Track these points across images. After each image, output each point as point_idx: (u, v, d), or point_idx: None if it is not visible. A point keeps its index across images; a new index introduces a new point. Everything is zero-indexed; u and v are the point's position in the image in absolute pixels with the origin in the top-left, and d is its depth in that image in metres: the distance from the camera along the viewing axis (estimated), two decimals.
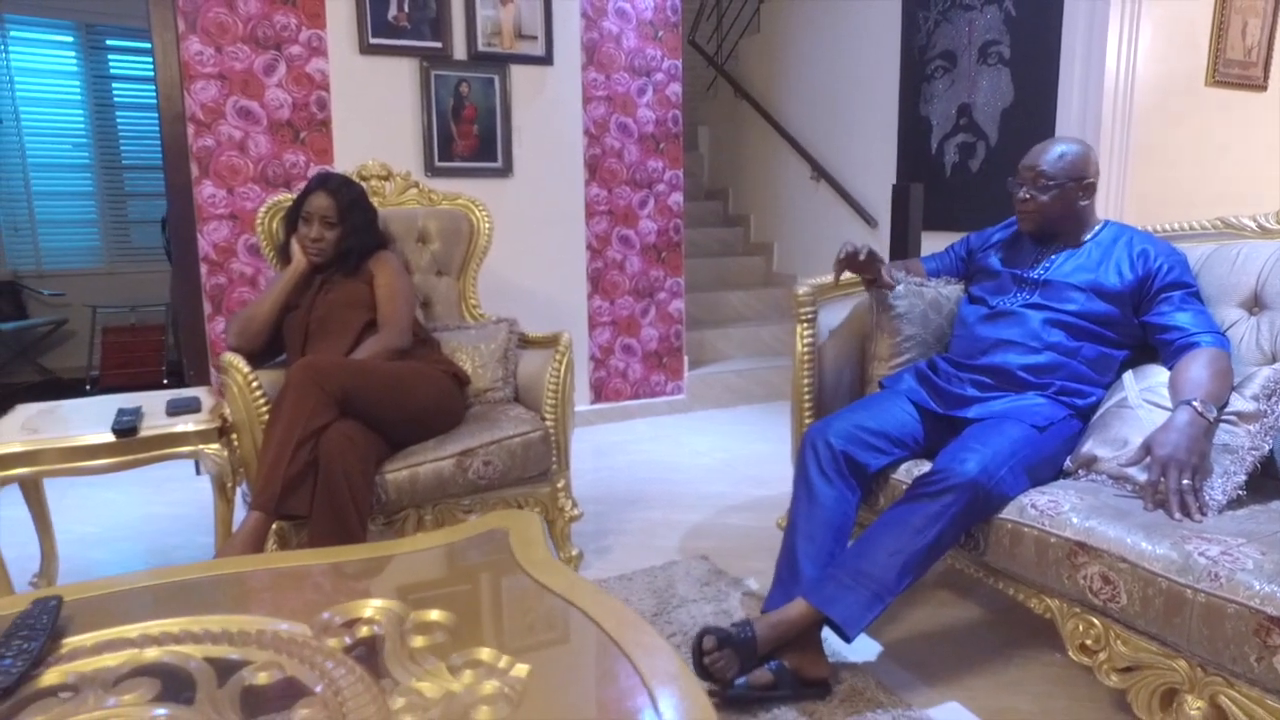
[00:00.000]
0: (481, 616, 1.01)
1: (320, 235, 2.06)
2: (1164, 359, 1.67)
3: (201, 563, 1.15)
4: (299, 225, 2.08)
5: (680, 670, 0.86)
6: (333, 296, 2.07)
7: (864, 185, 3.97)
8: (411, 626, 0.97)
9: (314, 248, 2.06)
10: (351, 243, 2.10)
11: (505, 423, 2.05)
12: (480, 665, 0.89)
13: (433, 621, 0.98)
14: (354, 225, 2.10)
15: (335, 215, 2.07)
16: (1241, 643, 1.15)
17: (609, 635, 0.94)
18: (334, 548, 1.19)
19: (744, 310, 4.58)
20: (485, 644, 0.93)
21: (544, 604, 1.03)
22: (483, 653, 0.90)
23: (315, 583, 1.12)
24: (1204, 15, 2.92)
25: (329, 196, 2.07)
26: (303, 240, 2.07)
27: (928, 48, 3.43)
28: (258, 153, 2.87)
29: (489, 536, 1.24)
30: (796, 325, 2.00)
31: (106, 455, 1.70)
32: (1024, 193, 1.79)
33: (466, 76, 3.09)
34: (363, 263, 2.12)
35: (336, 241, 2.08)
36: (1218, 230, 1.82)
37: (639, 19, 3.41)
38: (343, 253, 2.09)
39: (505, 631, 0.99)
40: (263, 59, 2.83)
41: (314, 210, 2.06)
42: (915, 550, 1.49)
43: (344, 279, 2.08)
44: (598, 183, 3.47)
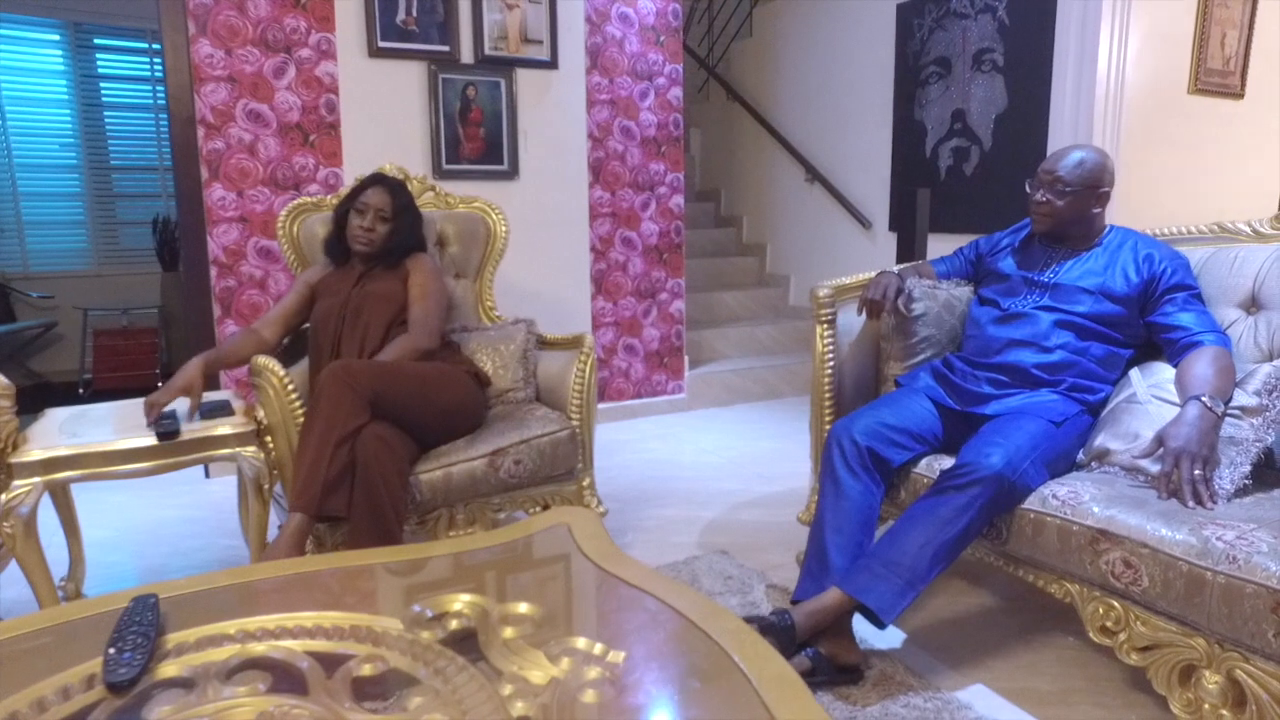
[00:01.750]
0: (564, 607, 1.06)
1: (373, 227, 2.12)
2: (1169, 357, 1.76)
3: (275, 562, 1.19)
4: (351, 216, 2.14)
5: (768, 651, 0.92)
6: (369, 289, 2.11)
7: (858, 187, 4.06)
8: (500, 618, 1.02)
9: (364, 236, 2.12)
10: (398, 240, 2.17)
11: (532, 422, 2.09)
12: (577, 652, 0.94)
13: (521, 613, 1.02)
14: (405, 224, 2.18)
15: (390, 211, 2.15)
16: (1259, 620, 1.24)
17: (692, 621, 0.99)
18: (405, 546, 1.23)
19: (739, 310, 4.66)
20: (573, 633, 0.98)
21: (621, 594, 1.09)
22: (578, 641, 0.95)
23: (393, 580, 1.16)
24: (1186, 26, 3.04)
25: (387, 193, 2.15)
26: (354, 230, 2.12)
27: (922, 53, 3.53)
28: (267, 155, 2.88)
29: (551, 532, 1.29)
30: (817, 326, 2.07)
31: (148, 459, 1.71)
32: (1041, 195, 1.87)
33: (473, 80, 3.12)
34: (402, 260, 2.18)
35: (386, 237, 2.15)
36: (1215, 235, 1.92)
37: (641, 24, 3.47)
38: (389, 249, 2.16)
39: (590, 621, 1.04)
40: (272, 62, 2.84)
41: (371, 203, 2.12)
42: (945, 540, 1.57)
43: (383, 272, 2.14)
44: (601, 185, 3.52)
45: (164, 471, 1.75)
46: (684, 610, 1.03)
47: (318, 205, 2.35)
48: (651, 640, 0.98)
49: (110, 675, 0.88)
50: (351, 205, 2.14)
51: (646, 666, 0.92)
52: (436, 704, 0.86)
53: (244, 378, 2.95)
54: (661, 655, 0.96)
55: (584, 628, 1.00)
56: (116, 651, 0.90)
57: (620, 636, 0.98)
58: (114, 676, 0.87)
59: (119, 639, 0.92)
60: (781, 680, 0.86)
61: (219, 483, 2.92)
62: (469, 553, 1.23)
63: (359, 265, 2.17)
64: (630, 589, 1.09)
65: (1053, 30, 2.93)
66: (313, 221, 2.32)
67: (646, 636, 0.99)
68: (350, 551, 1.22)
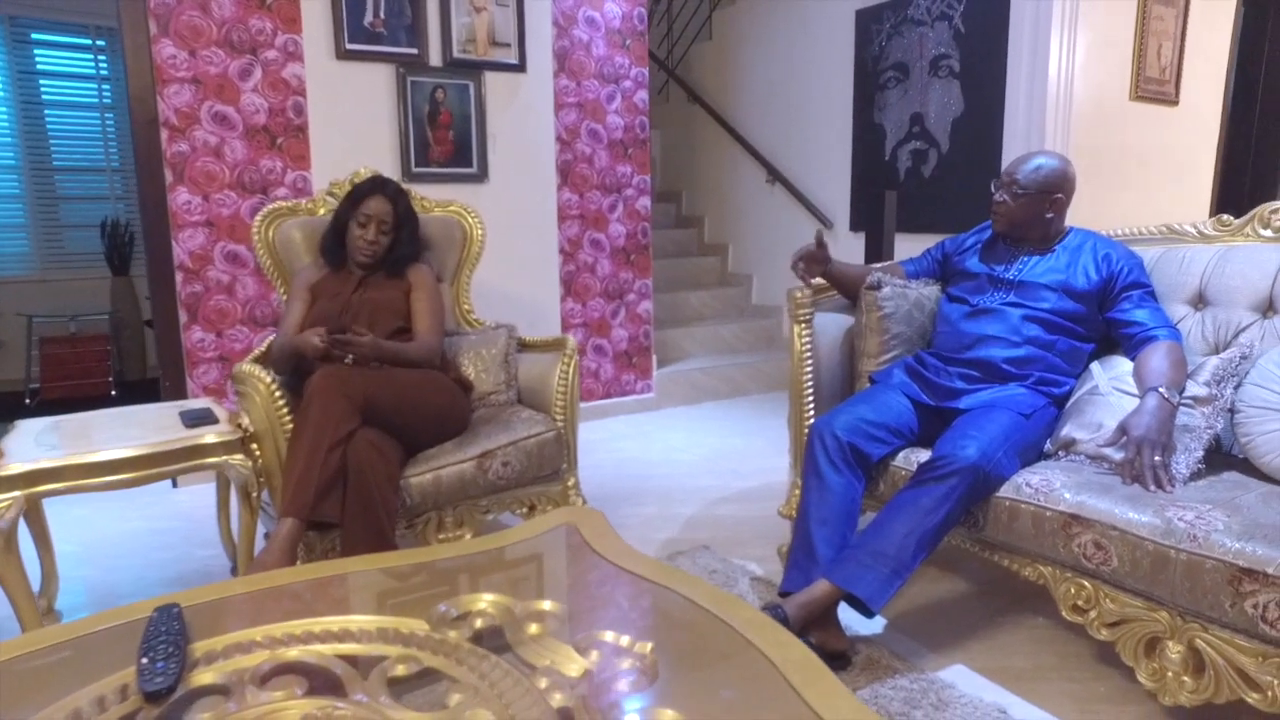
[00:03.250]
0: (585, 603, 1.10)
1: (376, 239, 2.13)
2: (1126, 350, 1.87)
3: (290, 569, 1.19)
4: (352, 226, 2.13)
5: (789, 638, 0.97)
6: (370, 296, 2.11)
7: (819, 188, 4.16)
8: (524, 616, 1.05)
9: (368, 249, 2.13)
10: (403, 250, 2.19)
11: (518, 424, 2.12)
12: (605, 645, 0.98)
13: (545, 610, 1.06)
14: (407, 233, 2.20)
15: (393, 221, 2.16)
16: (1218, 592, 1.35)
17: (711, 612, 1.04)
18: (414, 550, 1.25)
19: (703, 310, 4.73)
20: (598, 627, 1.02)
21: (639, 588, 1.13)
22: (605, 634, 0.99)
23: (409, 583, 1.18)
24: (1127, 36, 3.21)
25: (389, 202, 2.15)
26: (356, 242, 2.12)
27: (881, 58, 3.64)
28: (234, 158, 2.83)
29: (559, 533, 1.33)
30: (794, 326, 2.13)
31: (132, 470, 1.69)
32: (999, 195, 1.98)
33: (442, 83, 3.12)
34: (403, 269, 2.19)
35: (389, 247, 2.17)
36: (1164, 236, 2.05)
37: (608, 28, 3.50)
38: (393, 258, 2.17)
39: (612, 615, 1.08)
40: (238, 63, 2.79)
41: (374, 213, 2.13)
42: (927, 529, 1.64)
43: (384, 280, 2.15)
44: (569, 188, 3.54)
45: (151, 481, 1.72)
46: (702, 602, 1.07)
47: (293, 210, 2.33)
48: (676, 631, 1.02)
49: (146, 684, 0.88)
50: (353, 215, 2.13)
51: (675, 655, 0.96)
52: (477, 700, 0.89)
53: (213, 384, 2.90)
54: (688, 645, 1.00)
55: (608, 621, 1.04)
56: (150, 661, 0.91)
57: (645, 629, 1.02)
58: (150, 685, 0.88)
59: (149, 648, 0.93)
60: (805, 664, 0.92)
61: (186, 492, 2.86)
62: (481, 554, 1.25)
63: (358, 270, 2.17)
64: (647, 583, 1.14)
65: (1006, 38, 3.07)
66: (288, 227, 2.30)
67: (670, 628, 1.03)
68: (361, 556, 1.23)
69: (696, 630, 1.03)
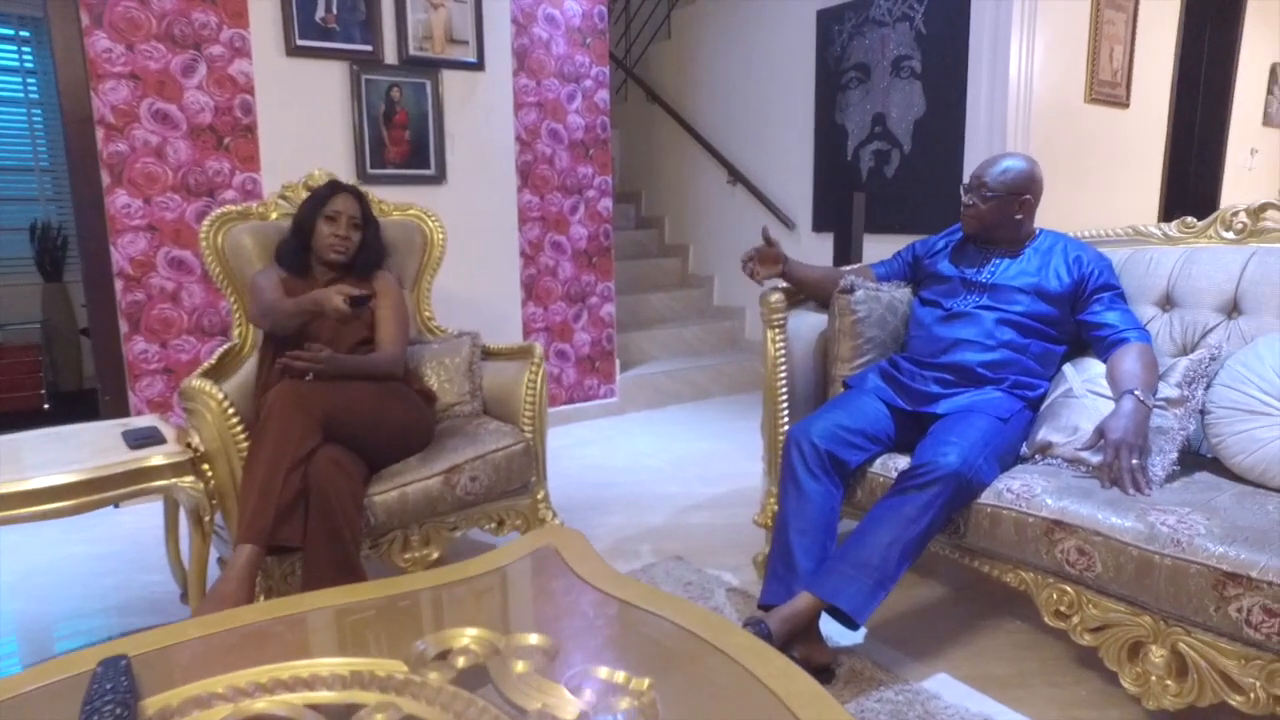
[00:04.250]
0: (574, 635, 1.03)
1: (348, 234, 2.07)
2: (1098, 352, 1.88)
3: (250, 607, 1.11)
4: (320, 225, 2.06)
5: (791, 668, 0.93)
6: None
7: (781, 188, 4.15)
8: (509, 651, 0.99)
9: (340, 245, 2.06)
10: (370, 251, 2.13)
11: (485, 437, 2.04)
12: (600, 683, 0.92)
13: (532, 645, 0.99)
14: (373, 232, 2.15)
15: (361, 218, 2.11)
16: (1202, 596, 1.35)
17: (706, 640, 0.99)
18: (389, 580, 1.17)
19: (665, 312, 4.69)
20: (589, 662, 0.96)
21: (628, 616, 1.07)
22: (599, 670, 0.93)
23: (384, 617, 1.11)
24: (1081, 39, 3.26)
25: (354, 199, 2.10)
26: (327, 239, 2.05)
27: (842, 59, 3.64)
28: (177, 159, 2.68)
29: (540, 555, 1.26)
30: (768, 331, 2.10)
31: (73, 496, 1.56)
32: (969, 199, 1.97)
33: (398, 81, 3.01)
34: (368, 276, 2.12)
35: (360, 246, 2.10)
36: (1130, 237, 2.07)
37: (568, 26, 3.43)
38: (362, 260, 2.12)
39: (603, 648, 1.02)
40: (180, 59, 2.64)
41: (342, 209, 2.07)
42: (910, 538, 1.62)
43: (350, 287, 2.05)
44: (530, 189, 3.46)
45: (92, 509, 1.60)
46: (696, 630, 1.02)
47: (244, 215, 2.21)
48: (672, 664, 0.97)
49: None
50: (319, 213, 2.05)
51: (674, 692, 0.91)
52: None
53: (158, 398, 2.75)
54: (687, 679, 0.95)
55: (600, 655, 0.98)
56: None
57: (639, 662, 0.97)
58: None
59: (93, 711, 0.84)
60: (812, 696, 0.87)
61: (130, 513, 2.71)
62: (459, 583, 1.18)
63: (323, 276, 2.08)
64: (637, 610, 1.08)
65: (967, 40, 3.08)
66: (238, 232, 2.18)
67: (666, 660, 0.98)
68: (329, 589, 1.15)
69: (694, 661, 0.97)
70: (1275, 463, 1.59)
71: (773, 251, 2.12)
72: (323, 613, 1.10)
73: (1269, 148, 4.74)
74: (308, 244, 2.08)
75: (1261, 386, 1.64)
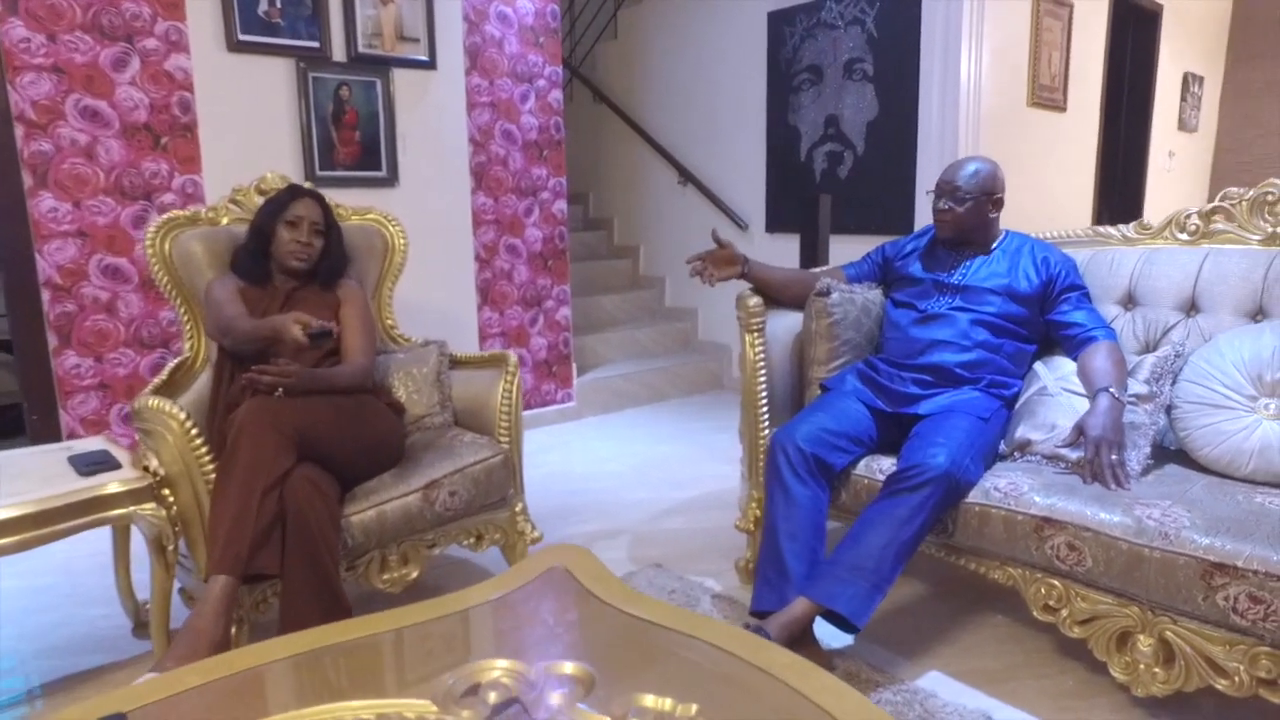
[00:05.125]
0: (605, 662, 0.99)
1: (310, 240, 1.97)
2: (1067, 350, 1.94)
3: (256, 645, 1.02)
4: (280, 231, 1.95)
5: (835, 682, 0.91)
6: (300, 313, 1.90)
7: (733, 189, 4.17)
8: (544, 682, 0.94)
9: (303, 251, 1.96)
10: (335, 257, 2.04)
11: (462, 449, 1.97)
12: (647, 711, 0.88)
13: (567, 675, 0.95)
14: (336, 238, 2.05)
15: (323, 223, 2.01)
16: (1191, 586, 1.40)
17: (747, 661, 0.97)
18: (397, 610, 1.10)
19: (617, 314, 4.65)
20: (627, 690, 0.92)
21: (659, 639, 1.04)
22: (645, 699, 0.89)
23: (398, 653, 1.04)
24: (1024, 45, 3.38)
25: (316, 204, 2.01)
26: (289, 246, 1.95)
27: (794, 61, 3.68)
28: (109, 160, 2.50)
29: (550, 576, 1.22)
30: (747, 335, 2.09)
31: (16, 532, 1.43)
32: (943, 204, 2.00)
33: (347, 79, 2.89)
34: (332, 284, 2.03)
35: (322, 252, 2.00)
36: (1090, 238, 2.14)
37: (520, 24, 3.36)
38: (326, 268, 2.02)
39: (640, 674, 0.99)
40: (110, 52, 2.47)
41: (304, 214, 1.97)
42: (904, 539, 1.63)
43: (314, 296, 1.98)
44: (484, 191, 3.38)
45: (41, 544, 1.47)
46: (732, 649, 1.00)
47: (192, 220, 2.07)
48: (715, 687, 0.94)
49: None
50: (279, 219, 1.94)
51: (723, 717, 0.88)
52: None
53: (92, 415, 2.56)
54: (733, 702, 0.92)
55: (640, 682, 0.94)
56: None
57: (681, 687, 0.93)
58: None
59: None
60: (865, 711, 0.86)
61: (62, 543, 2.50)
62: (473, 609, 1.12)
63: (284, 284, 1.97)
64: (668, 632, 1.05)
65: (918, 43, 3.15)
66: (187, 239, 2.04)
67: (708, 683, 0.95)
68: (335, 624, 1.07)
69: (736, 682, 0.95)
70: (1239, 454, 1.67)
71: (727, 252, 2.11)
72: (330, 650, 1.03)
73: (1184, 151, 5.03)
74: (267, 250, 1.97)
75: (1224, 381, 1.72)
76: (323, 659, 1.01)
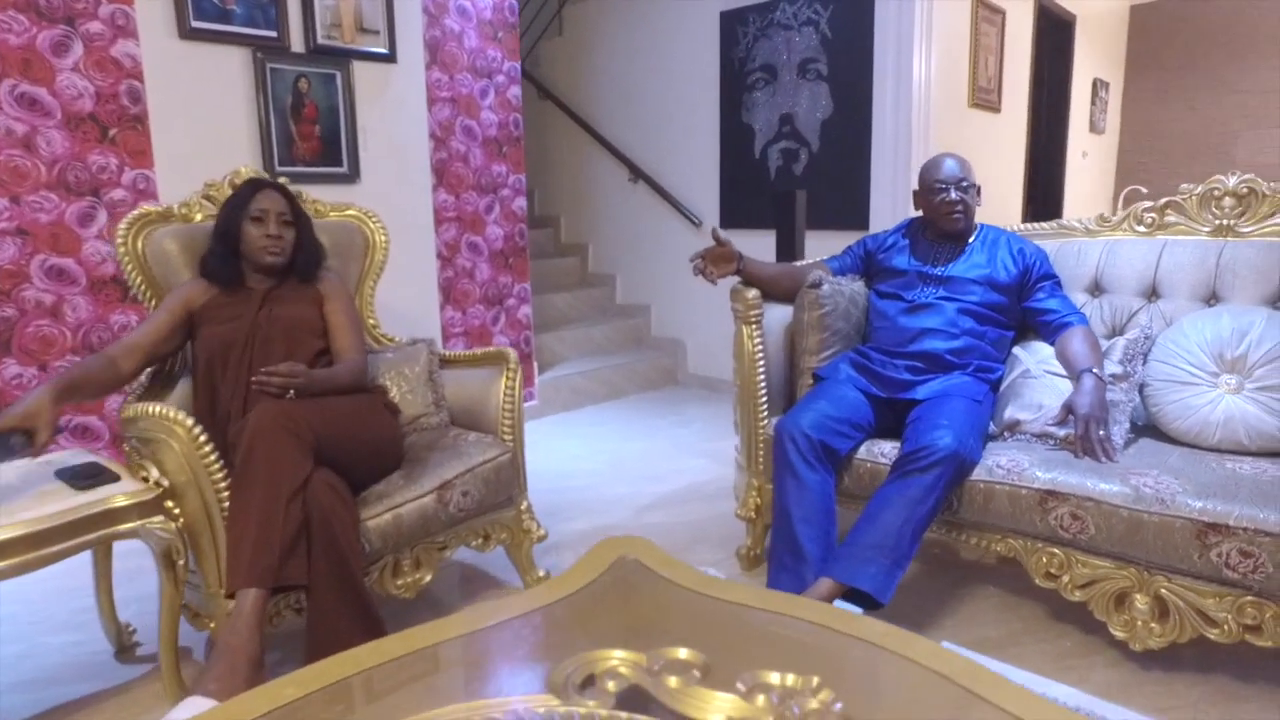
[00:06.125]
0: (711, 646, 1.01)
1: (280, 233, 1.86)
2: (1043, 335, 2.07)
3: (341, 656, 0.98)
4: (246, 227, 1.84)
5: (936, 647, 0.96)
6: (281, 314, 1.82)
7: (686, 186, 4.22)
8: (662, 668, 0.95)
9: (274, 245, 1.85)
10: (309, 250, 1.93)
11: (469, 449, 1.93)
12: (771, 687, 0.90)
13: (683, 660, 0.96)
14: (307, 229, 1.95)
15: (291, 214, 1.90)
16: (1187, 546, 1.52)
17: (840, 631, 1.00)
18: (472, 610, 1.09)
19: (569, 312, 4.63)
20: (738, 668, 0.94)
21: (753, 620, 1.06)
22: (766, 676, 0.92)
23: (493, 653, 1.03)
24: (965, 48, 3.56)
25: (280, 195, 1.90)
26: (259, 242, 1.84)
27: (748, 60, 3.76)
28: (51, 152, 2.32)
29: (620, 566, 1.22)
30: (744, 327, 2.13)
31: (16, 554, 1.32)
32: (954, 195, 2.07)
33: (306, 71, 2.77)
34: (311, 278, 1.94)
35: (295, 245, 1.90)
36: (1055, 231, 2.29)
37: (479, 18, 3.30)
38: (302, 261, 1.92)
39: (743, 651, 1.01)
40: (49, 35, 2.29)
41: (269, 207, 1.86)
42: (920, 517, 1.71)
43: (293, 294, 1.88)
44: (445, 188, 3.30)
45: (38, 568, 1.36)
46: (825, 622, 1.03)
47: (164, 216, 1.95)
48: (823, 659, 0.97)
49: None
50: (244, 215, 1.83)
51: (854, 690, 0.91)
52: None
53: None
54: (847, 672, 0.95)
55: (749, 661, 0.96)
56: None
57: (791, 662, 0.96)
58: None
59: None
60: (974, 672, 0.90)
61: None
62: (554, 605, 1.12)
63: (260, 284, 1.87)
64: (755, 611, 1.07)
65: (872, 45, 3.28)
66: (161, 236, 1.92)
67: (813, 657, 0.98)
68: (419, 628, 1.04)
69: (840, 655, 0.98)
70: (1207, 426, 1.83)
71: (725, 250, 2.16)
72: (424, 655, 1.01)
73: (1094, 151, 5.41)
74: (237, 251, 1.87)
75: (1189, 360, 1.88)
76: (415, 664, 0.98)
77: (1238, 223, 2.02)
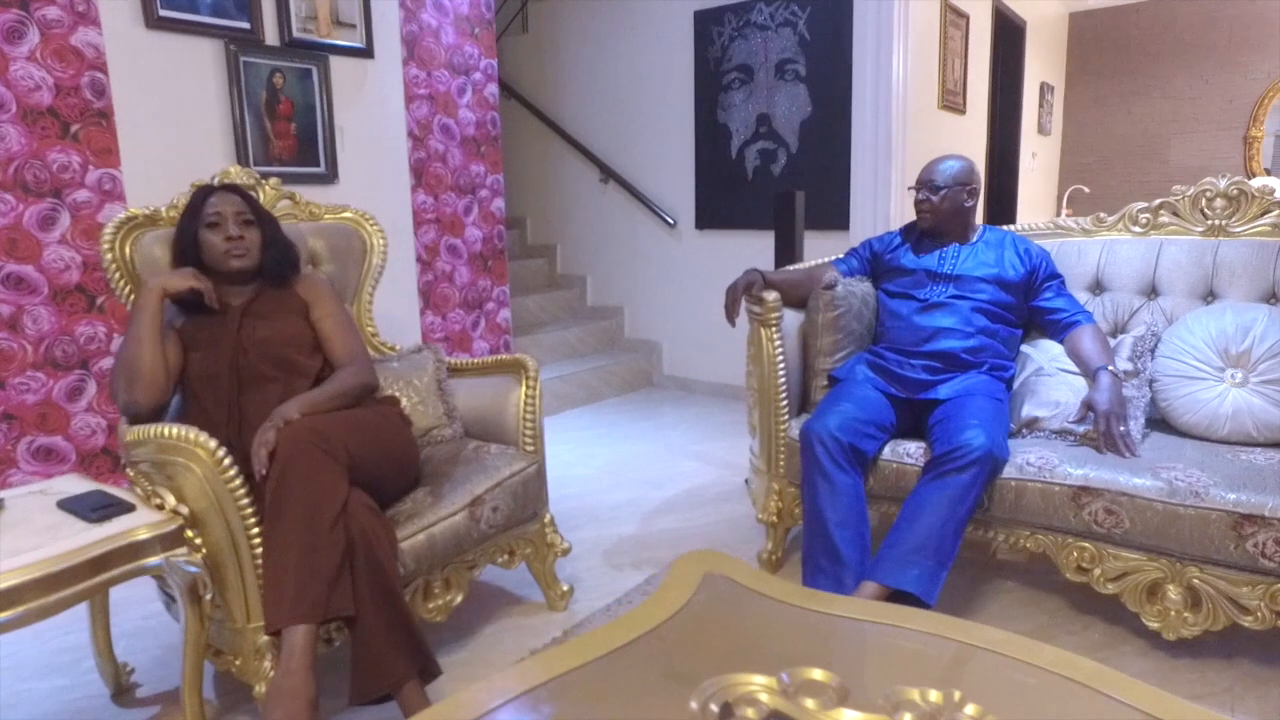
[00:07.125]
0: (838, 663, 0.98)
1: (241, 234, 1.68)
2: (1051, 334, 2.11)
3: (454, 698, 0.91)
4: (204, 236, 1.67)
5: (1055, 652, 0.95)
6: (264, 335, 1.67)
7: (660, 187, 4.18)
8: (798, 690, 0.91)
9: (238, 247, 1.68)
10: (278, 249, 1.75)
11: (494, 462, 1.86)
12: (915, 705, 0.88)
13: (817, 681, 0.93)
14: (274, 228, 1.78)
15: (251, 213, 1.72)
16: (1223, 538, 1.57)
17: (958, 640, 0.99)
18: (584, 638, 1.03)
19: (541, 315, 4.54)
20: (872, 686, 0.92)
21: (863, 632, 1.04)
22: (909, 693, 0.89)
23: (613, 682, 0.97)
24: (934, 52, 3.63)
25: (234, 194, 1.73)
26: (219, 247, 1.67)
27: (723, 60, 3.74)
28: (6, 150, 2.13)
29: (710, 585, 1.18)
30: (763, 330, 2.11)
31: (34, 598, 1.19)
32: (922, 195, 2.12)
33: (281, 66, 2.62)
34: (289, 282, 1.78)
35: (261, 244, 1.73)
36: (1052, 231, 2.34)
37: (456, 14, 3.19)
38: (271, 260, 1.74)
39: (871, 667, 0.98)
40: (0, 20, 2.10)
41: (224, 209, 1.68)
42: (960, 517, 1.72)
43: (272, 305, 1.72)
44: (424, 189, 3.19)
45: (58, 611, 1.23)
46: (941, 632, 1.01)
47: (151, 220, 1.80)
48: (953, 670, 0.95)
49: None
50: (199, 223, 1.68)
51: (998, 702, 0.89)
52: None
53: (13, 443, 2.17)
54: (983, 684, 0.93)
55: (882, 677, 0.93)
56: None
57: (923, 676, 0.94)
58: None
59: None
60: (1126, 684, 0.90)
61: None
62: (659, 629, 1.07)
63: (235, 298, 1.71)
64: (864, 624, 1.05)
65: (850, 47, 3.30)
66: (150, 240, 1.78)
67: (942, 668, 0.96)
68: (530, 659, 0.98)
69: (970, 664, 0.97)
70: (1216, 418, 1.89)
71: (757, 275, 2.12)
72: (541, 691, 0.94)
73: (1042, 152, 5.61)
74: (202, 266, 1.70)
75: (1196, 356, 1.94)
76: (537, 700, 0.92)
77: (1229, 223, 2.10)
